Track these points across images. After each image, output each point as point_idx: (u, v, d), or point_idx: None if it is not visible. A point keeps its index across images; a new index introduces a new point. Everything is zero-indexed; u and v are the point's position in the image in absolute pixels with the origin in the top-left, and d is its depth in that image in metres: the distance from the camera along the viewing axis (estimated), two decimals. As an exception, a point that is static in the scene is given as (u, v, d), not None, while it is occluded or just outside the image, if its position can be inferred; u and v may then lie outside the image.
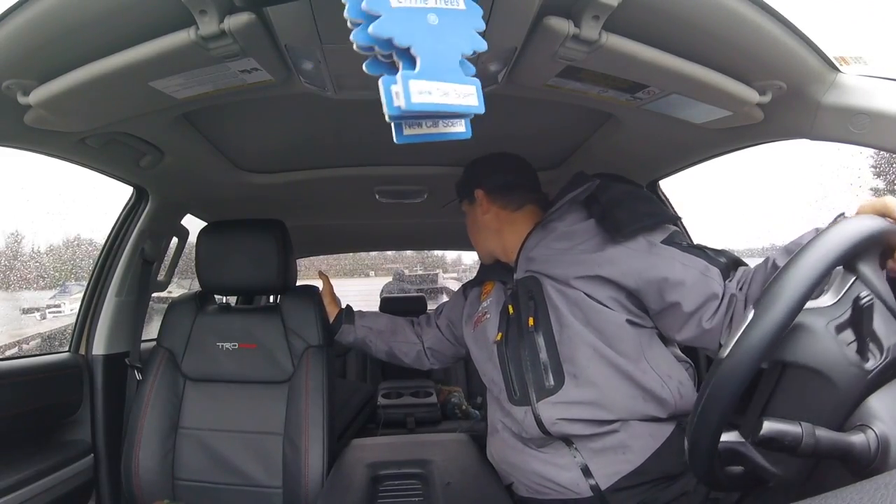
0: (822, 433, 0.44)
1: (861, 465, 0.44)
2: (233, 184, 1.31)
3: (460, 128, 0.50)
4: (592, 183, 0.96)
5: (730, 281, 0.85)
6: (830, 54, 0.71)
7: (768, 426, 0.44)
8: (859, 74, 0.73)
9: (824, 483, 0.51)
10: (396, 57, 0.44)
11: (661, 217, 0.93)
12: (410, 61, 0.44)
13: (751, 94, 0.74)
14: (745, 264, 0.88)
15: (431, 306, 2.70)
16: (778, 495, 0.62)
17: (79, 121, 0.80)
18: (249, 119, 1.00)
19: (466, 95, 0.46)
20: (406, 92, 0.42)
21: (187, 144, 1.03)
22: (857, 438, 0.44)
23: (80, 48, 0.63)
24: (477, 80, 0.47)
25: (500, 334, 0.99)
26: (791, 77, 0.72)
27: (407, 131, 0.47)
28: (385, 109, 0.43)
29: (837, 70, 0.73)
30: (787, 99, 0.76)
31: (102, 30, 0.60)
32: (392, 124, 0.46)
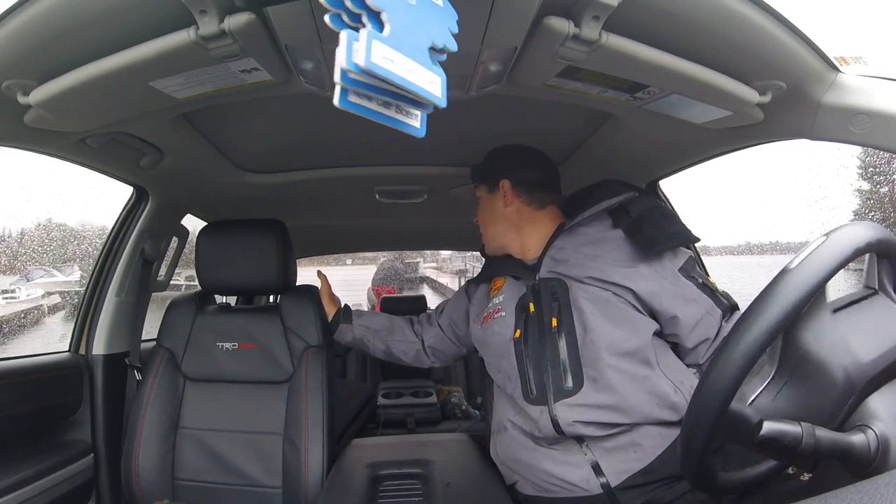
0: (822, 433, 0.44)
1: (861, 465, 0.43)
2: (233, 184, 1.31)
3: (415, 122, 0.47)
4: (630, 195, 0.98)
5: (726, 322, 0.92)
6: (830, 54, 0.71)
7: (768, 426, 0.44)
8: (859, 74, 0.73)
9: (824, 483, 0.51)
10: (366, 18, 0.41)
11: (687, 237, 0.96)
12: (379, 26, 0.41)
13: (751, 94, 0.74)
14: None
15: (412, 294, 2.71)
16: (778, 495, 0.62)
17: (79, 121, 0.80)
18: (249, 119, 1.00)
19: (431, 82, 0.44)
20: (368, 50, 0.39)
21: (187, 144, 1.03)
22: (857, 438, 0.44)
23: (80, 48, 0.63)
24: (443, 73, 0.45)
25: (518, 331, 0.98)
26: (791, 77, 0.72)
27: (352, 98, 0.43)
28: (342, 62, 0.39)
29: (837, 70, 0.73)
30: (787, 99, 0.76)
31: (102, 30, 0.60)
32: (338, 87, 0.42)
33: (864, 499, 0.27)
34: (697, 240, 0.98)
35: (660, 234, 0.93)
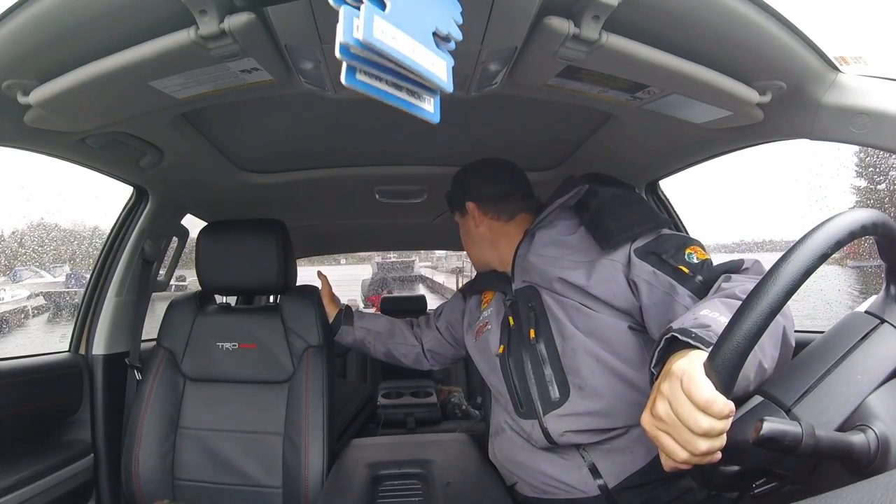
0: (822, 433, 0.44)
1: (861, 465, 0.43)
2: (233, 184, 1.31)
3: (428, 106, 0.46)
4: (581, 188, 0.93)
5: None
6: (830, 54, 0.71)
7: (768, 426, 0.44)
8: (859, 74, 0.73)
9: (824, 483, 0.51)
10: None
11: (652, 223, 0.89)
12: (380, 4, 0.40)
13: (751, 94, 0.74)
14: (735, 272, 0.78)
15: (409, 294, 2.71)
16: (778, 495, 0.62)
17: (79, 121, 0.80)
18: (249, 119, 1.00)
19: (436, 65, 0.43)
20: (368, 24, 0.38)
21: (187, 144, 1.03)
22: (857, 438, 0.44)
23: (80, 48, 0.63)
24: (449, 57, 0.44)
25: (501, 347, 0.98)
26: (791, 77, 0.72)
27: (360, 76, 0.42)
28: (340, 36, 0.38)
29: (837, 70, 0.73)
30: (788, 99, 0.76)
31: (102, 30, 0.60)
32: (343, 64, 0.41)
33: (864, 499, 0.27)
34: (668, 223, 0.90)
35: (618, 224, 0.87)
